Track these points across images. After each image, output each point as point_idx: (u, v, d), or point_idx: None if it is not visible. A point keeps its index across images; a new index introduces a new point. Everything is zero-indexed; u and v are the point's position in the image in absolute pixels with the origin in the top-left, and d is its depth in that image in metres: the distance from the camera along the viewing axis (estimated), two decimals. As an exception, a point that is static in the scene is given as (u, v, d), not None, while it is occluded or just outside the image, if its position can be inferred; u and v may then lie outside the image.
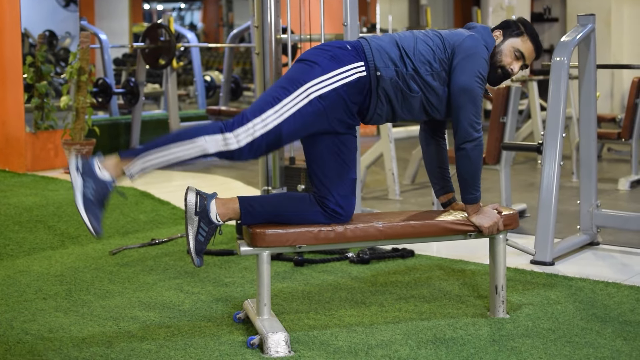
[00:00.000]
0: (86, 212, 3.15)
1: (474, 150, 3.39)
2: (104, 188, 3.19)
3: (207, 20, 20.03)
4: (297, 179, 5.02)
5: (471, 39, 3.41)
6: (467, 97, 3.34)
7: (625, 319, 3.50)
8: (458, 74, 3.35)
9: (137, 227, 5.40)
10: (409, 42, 3.40)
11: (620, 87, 11.88)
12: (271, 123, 3.23)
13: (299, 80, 3.28)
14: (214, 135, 3.22)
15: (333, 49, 3.35)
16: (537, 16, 14.57)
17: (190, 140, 3.21)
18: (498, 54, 3.48)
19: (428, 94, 3.38)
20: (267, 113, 3.24)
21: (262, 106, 3.26)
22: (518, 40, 3.51)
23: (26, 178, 6.89)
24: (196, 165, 8.26)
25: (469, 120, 3.36)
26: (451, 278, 4.16)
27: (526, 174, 7.63)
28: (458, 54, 3.37)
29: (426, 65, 3.36)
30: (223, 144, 3.22)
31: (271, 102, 3.26)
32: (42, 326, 3.46)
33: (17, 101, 7.35)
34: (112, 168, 3.21)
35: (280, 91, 3.28)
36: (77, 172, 3.19)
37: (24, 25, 7.70)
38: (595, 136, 4.84)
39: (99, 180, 3.18)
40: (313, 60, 3.32)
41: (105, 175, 3.19)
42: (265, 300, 3.30)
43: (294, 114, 3.24)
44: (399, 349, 3.17)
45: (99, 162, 3.21)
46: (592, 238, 4.83)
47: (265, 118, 3.24)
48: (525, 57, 3.52)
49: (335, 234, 3.34)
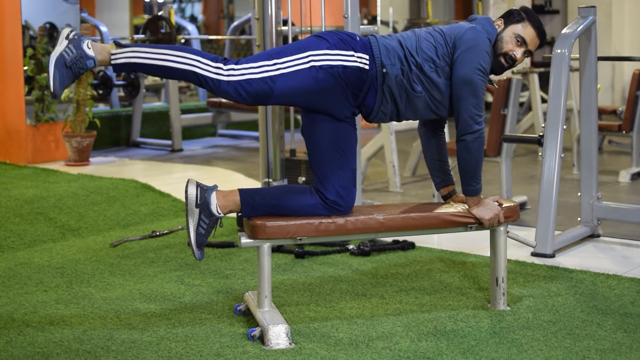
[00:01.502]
0: (55, 67, 3.17)
1: (475, 142, 3.39)
2: (82, 59, 3.20)
3: (207, 12, 19.99)
4: (297, 171, 5.02)
5: (472, 30, 3.40)
6: (468, 89, 3.34)
7: (625, 311, 3.50)
8: (459, 66, 3.35)
9: (138, 219, 5.40)
10: (412, 41, 3.41)
11: (621, 80, 11.85)
12: (266, 72, 3.25)
13: (304, 47, 3.31)
14: (209, 60, 3.24)
15: (344, 35, 3.38)
16: (538, 8, 14.54)
17: (185, 53, 3.24)
18: (500, 42, 3.48)
19: (432, 91, 3.39)
20: (265, 62, 3.27)
21: (262, 57, 3.30)
22: (519, 26, 3.50)
23: (27, 170, 6.89)
24: (197, 158, 8.26)
25: (469, 112, 3.36)
26: (452, 270, 4.17)
27: (527, 166, 7.62)
28: (460, 46, 3.37)
29: (429, 62, 3.37)
30: (214, 71, 3.23)
31: (272, 56, 3.29)
32: (43, 318, 3.47)
33: (17, 93, 7.34)
34: (100, 50, 3.23)
35: (283, 50, 3.31)
36: (66, 39, 3.22)
37: (25, 17, 7.69)
38: (596, 128, 4.83)
39: (83, 51, 3.20)
40: (323, 36, 3.36)
41: (90, 52, 3.21)
42: (266, 292, 3.30)
43: (290, 73, 3.26)
44: (399, 341, 3.17)
45: (90, 41, 3.23)
46: (592, 230, 4.83)
47: (262, 66, 3.26)
48: (527, 43, 3.50)
49: (335, 226, 3.34)
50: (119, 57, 3.23)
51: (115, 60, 3.23)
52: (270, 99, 3.29)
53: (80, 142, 7.32)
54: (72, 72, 3.19)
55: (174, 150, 8.65)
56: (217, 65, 3.23)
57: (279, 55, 3.28)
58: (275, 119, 5.00)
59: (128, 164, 7.68)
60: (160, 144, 8.84)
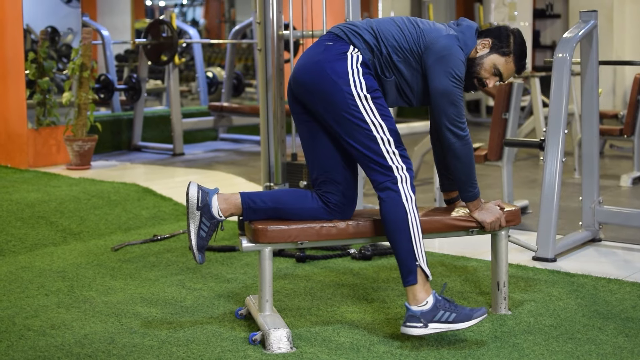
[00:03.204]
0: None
1: (463, 148, 3.36)
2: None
3: (209, 16, 20.02)
4: (299, 175, 5.02)
5: (446, 39, 3.33)
6: (445, 100, 3.30)
7: (627, 316, 3.50)
8: (433, 77, 3.30)
9: (139, 223, 5.40)
10: (384, 26, 3.36)
11: (622, 84, 11.84)
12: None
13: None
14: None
15: (328, 46, 3.33)
16: (540, 12, 14.55)
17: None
18: (478, 66, 3.42)
19: (400, 79, 3.36)
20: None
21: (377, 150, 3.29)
22: (502, 59, 3.42)
23: (28, 174, 6.90)
24: (198, 162, 8.26)
25: (452, 121, 3.32)
26: (453, 274, 4.16)
27: (528, 171, 7.62)
28: (431, 54, 3.31)
29: (398, 51, 3.33)
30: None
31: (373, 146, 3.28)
32: (44, 322, 3.47)
33: (19, 97, 7.35)
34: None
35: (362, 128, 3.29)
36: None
37: (26, 21, 7.69)
38: (598, 132, 4.83)
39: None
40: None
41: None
42: (267, 297, 3.30)
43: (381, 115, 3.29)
44: (401, 345, 3.17)
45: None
46: (594, 234, 4.83)
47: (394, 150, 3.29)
48: (502, 76, 3.46)
49: (337, 230, 3.34)
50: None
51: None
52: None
53: (82, 146, 7.33)
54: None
55: (175, 154, 8.66)
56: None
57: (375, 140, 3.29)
58: (276, 123, 5.00)
59: (129, 168, 7.68)
60: (162, 147, 8.85)
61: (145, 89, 9.04)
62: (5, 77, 7.33)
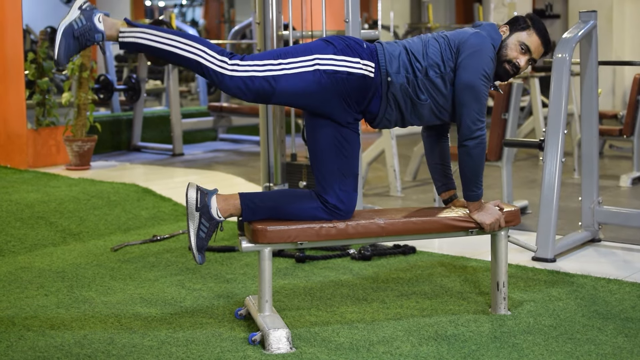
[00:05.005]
0: (63, 36, 3.17)
1: (477, 147, 3.39)
2: (91, 31, 3.20)
3: (208, 16, 20.01)
4: (298, 176, 5.02)
5: (476, 36, 3.40)
6: (470, 94, 3.34)
7: (626, 316, 3.50)
8: (462, 71, 3.35)
9: (139, 224, 5.40)
10: (418, 46, 3.42)
11: (621, 84, 11.85)
12: (270, 72, 3.26)
13: (311, 50, 3.32)
14: (215, 52, 3.25)
15: (351, 41, 3.38)
16: (539, 13, 14.55)
17: (194, 42, 3.25)
18: (504, 48, 3.48)
19: (437, 97, 3.39)
20: (270, 61, 3.28)
21: (268, 55, 3.30)
22: (524, 33, 3.50)
23: (28, 174, 6.89)
24: (198, 162, 8.26)
25: (472, 117, 3.36)
26: (453, 275, 4.16)
27: (528, 171, 7.62)
28: (463, 51, 3.37)
29: (435, 67, 3.37)
30: (218, 64, 3.24)
31: (278, 55, 3.30)
32: (44, 322, 3.47)
33: (18, 98, 7.34)
34: (110, 25, 3.23)
35: (289, 51, 3.32)
36: (78, 9, 3.21)
37: (26, 21, 7.70)
38: (597, 133, 4.83)
39: (93, 23, 3.20)
40: (330, 40, 3.37)
41: (100, 26, 3.21)
42: (266, 297, 3.30)
43: (294, 74, 3.27)
44: (400, 346, 3.17)
45: (102, 15, 3.22)
46: (593, 235, 4.83)
47: (266, 64, 3.27)
48: (531, 51, 3.50)
49: (336, 230, 3.34)
50: (128, 36, 3.23)
51: (123, 38, 3.24)
52: (271, 98, 3.29)
53: (81, 146, 7.33)
54: (79, 43, 3.19)
55: (174, 154, 8.65)
56: (222, 59, 3.24)
57: (284, 56, 3.29)
58: (276, 123, 5.00)
59: (129, 168, 7.68)
60: (161, 148, 8.85)
61: (144, 89, 9.04)
62: (5, 78, 7.33)
